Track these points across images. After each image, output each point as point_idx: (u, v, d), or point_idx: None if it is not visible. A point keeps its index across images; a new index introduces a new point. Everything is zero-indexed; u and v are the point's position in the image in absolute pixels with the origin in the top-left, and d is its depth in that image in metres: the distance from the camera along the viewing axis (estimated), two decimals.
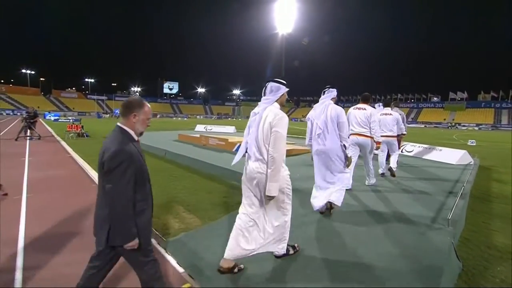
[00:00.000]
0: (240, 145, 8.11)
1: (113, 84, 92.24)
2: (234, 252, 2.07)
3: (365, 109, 4.26)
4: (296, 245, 2.41)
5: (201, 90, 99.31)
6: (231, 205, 3.88)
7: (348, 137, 3.45)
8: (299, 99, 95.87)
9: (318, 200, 3.18)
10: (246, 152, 2.19)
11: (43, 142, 10.67)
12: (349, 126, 4.15)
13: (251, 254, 2.11)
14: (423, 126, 54.86)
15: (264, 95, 2.20)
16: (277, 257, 2.26)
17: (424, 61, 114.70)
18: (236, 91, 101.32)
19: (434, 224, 2.88)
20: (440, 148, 7.84)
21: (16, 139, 10.52)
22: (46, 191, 4.43)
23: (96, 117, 49.14)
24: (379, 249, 2.44)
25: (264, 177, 2.01)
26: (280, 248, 2.21)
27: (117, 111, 54.60)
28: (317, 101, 3.49)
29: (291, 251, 2.32)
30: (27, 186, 4.66)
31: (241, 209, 2.20)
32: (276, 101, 2.15)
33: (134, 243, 1.48)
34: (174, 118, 60.20)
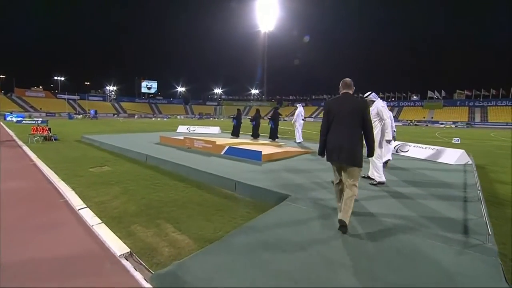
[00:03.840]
0: (230, 147, 7.73)
1: (86, 83, 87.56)
2: None
3: None
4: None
5: (181, 89, 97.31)
6: (229, 221, 3.38)
7: None
8: (282, 98, 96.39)
9: None
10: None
11: (1, 147, 9.52)
12: None
13: None
14: (407, 124, 56.74)
15: None
16: None
17: (404, 61, 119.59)
18: (218, 90, 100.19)
19: (469, 239, 2.57)
20: (436, 147, 7.78)
21: None
22: None
23: (67, 118, 46.20)
24: (414, 273, 2.06)
25: None
26: None
27: (93, 111, 51.78)
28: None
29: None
30: None
31: None
32: None
33: None
34: (153, 119, 58.06)
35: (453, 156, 6.98)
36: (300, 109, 10.85)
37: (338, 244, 2.61)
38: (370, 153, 3.07)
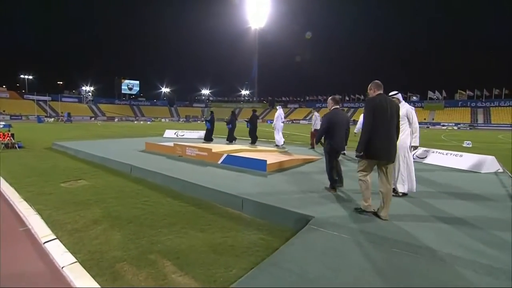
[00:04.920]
0: (228, 155, 7.20)
1: (59, 82, 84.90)
2: None
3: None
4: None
5: (165, 90, 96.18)
6: (242, 252, 2.85)
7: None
8: (274, 99, 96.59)
9: None
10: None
11: None
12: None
13: None
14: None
15: None
16: None
17: (403, 60, 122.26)
18: (205, 91, 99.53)
19: None
20: (459, 153, 7.49)
21: None
22: None
23: (36, 121, 44.41)
24: None
25: None
26: None
27: (66, 114, 50.05)
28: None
29: None
30: None
31: None
32: None
33: None
34: (135, 122, 56.80)
35: (481, 163, 6.67)
36: (280, 111, 11.33)
37: (399, 282, 2.12)
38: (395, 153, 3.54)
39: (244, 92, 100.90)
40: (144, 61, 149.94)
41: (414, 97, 74.44)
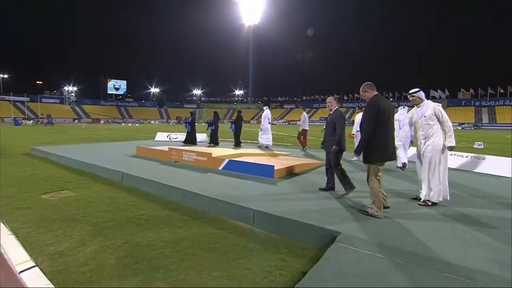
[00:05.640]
0: (230, 161, 6.86)
1: (38, 82, 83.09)
2: None
3: None
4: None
5: (154, 90, 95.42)
6: (262, 278, 2.53)
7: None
8: (269, 100, 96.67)
9: None
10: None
11: None
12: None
13: None
14: None
15: None
16: None
17: (404, 58, 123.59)
18: (197, 91, 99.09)
19: None
20: (480, 155, 7.28)
21: None
22: None
23: (13, 124, 43.29)
24: None
25: None
26: None
27: (47, 116, 49.05)
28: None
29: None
30: None
31: None
32: None
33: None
34: (123, 124, 56.04)
35: (506, 166, 6.45)
36: (267, 112, 11.77)
37: None
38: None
39: (238, 92, 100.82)
40: (131, 60, 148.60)
41: None
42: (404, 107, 8.07)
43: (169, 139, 14.53)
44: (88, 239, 3.22)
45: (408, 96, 4.47)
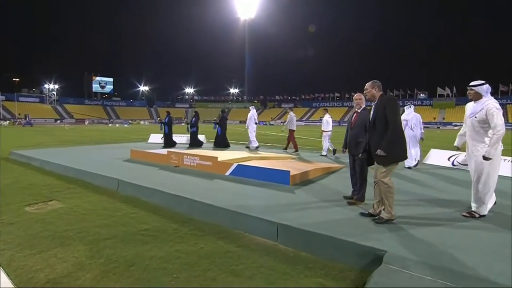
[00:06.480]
0: (239, 165, 6.54)
1: (15, 79, 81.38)
2: None
3: None
4: None
5: (143, 88, 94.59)
6: None
7: None
8: (266, 99, 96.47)
9: None
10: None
11: None
12: None
13: None
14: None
15: None
16: None
17: (408, 53, 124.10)
18: (189, 90, 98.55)
19: None
20: (508, 158, 7.08)
21: None
22: None
23: None
24: None
25: None
26: None
27: (27, 116, 48.16)
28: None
29: None
30: None
31: None
32: None
33: None
34: (110, 125, 55.34)
35: None
36: (252, 112, 12.13)
37: None
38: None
39: (233, 90, 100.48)
40: (119, 56, 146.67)
41: (422, 94, 75.59)
42: (410, 107, 7.91)
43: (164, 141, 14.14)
44: (86, 262, 2.86)
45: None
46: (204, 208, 4.25)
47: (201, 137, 13.53)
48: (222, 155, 7.36)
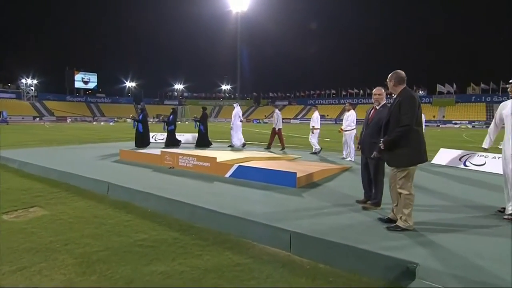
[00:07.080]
0: (240, 166, 6.31)
1: None
2: None
3: None
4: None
5: (130, 84, 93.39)
6: None
7: None
8: (259, 96, 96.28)
9: None
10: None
11: None
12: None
13: None
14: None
15: None
16: None
17: (407, 50, 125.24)
18: (179, 86, 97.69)
19: None
20: None
21: None
22: None
23: None
24: None
25: None
26: None
27: (5, 113, 46.86)
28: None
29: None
30: None
31: None
32: None
33: None
34: (94, 123, 54.46)
35: None
36: (237, 109, 12.38)
37: None
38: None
39: (225, 87, 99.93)
40: (103, 49, 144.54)
41: (421, 91, 76.33)
42: None
43: (155, 140, 13.86)
44: (76, 280, 2.60)
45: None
46: (207, 215, 4.02)
47: (189, 136, 13.40)
48: (221, 156, 7.13)
